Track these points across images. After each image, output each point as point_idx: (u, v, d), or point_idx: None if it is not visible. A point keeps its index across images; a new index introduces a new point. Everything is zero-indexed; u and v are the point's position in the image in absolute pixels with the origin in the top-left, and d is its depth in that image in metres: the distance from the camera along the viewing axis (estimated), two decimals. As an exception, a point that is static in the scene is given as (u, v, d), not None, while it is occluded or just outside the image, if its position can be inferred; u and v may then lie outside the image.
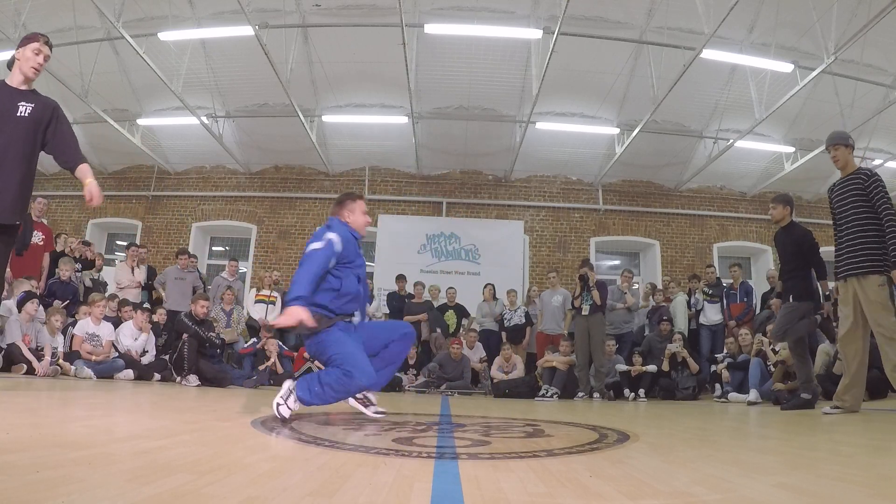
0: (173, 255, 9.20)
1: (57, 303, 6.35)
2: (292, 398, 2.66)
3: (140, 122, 10.11)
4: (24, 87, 3.00)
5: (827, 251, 4.95)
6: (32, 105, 2.96)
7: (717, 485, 1.39)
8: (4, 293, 5.99)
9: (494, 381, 7.14)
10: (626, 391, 6.89)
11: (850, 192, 3.97)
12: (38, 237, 6.64)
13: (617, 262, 11.77)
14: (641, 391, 6.89)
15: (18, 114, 2.89)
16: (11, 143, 2.86)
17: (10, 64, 3.01)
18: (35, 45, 2.97)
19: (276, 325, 2.77)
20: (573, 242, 11.12)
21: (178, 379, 6.02)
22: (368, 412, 3.02)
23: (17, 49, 3.01)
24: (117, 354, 6.27)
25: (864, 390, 4.01)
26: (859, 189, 3.92)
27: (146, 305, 7.67)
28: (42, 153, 3.06)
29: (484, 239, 10.72)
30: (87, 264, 7.57)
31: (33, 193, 3.14)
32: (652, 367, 6.96)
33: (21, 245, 3.72)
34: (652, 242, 11.22)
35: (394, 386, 7.02)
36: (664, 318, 7.63)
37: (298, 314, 2.53)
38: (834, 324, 6.12)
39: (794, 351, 4.61)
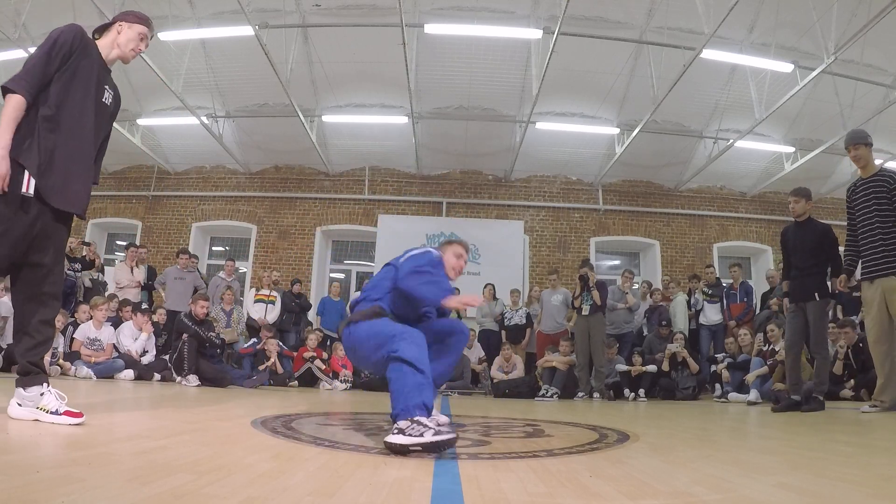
0: (173, 255, 9.19)
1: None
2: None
3: (140, 122, 10.11)
4: (109, 67, 2.42)
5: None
6: (113, 93, 2.40)
7: (717, 485, 1.39)
8: (1, 292, 6.01)
9: (494, 381, 7.14)
10: (626, 391, 6.89)
11: (873, 192, 3.97)
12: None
13: (617, 262, 11.76)
14: (641, 391, 6.88)
15: (104, 99, 2.33)
16: (97, 133, 2.29)
17: (101, 29, 2.43)
18: (146, 30, 2.45)
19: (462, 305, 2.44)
20: (573, 242, 11.12)
21: (178, 379, 6.02)
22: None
23: (121, 22, 2.42)
24: (117, 354, 6.27)
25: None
26: (884, 190, 3.92)
27: (144, 306, 7.66)
28: None
29: (484, 239, 10.72)
30: (87, 264, 7.57)
31: None
32: (652, 368, 6.95)
33: None
34: (652, 242, 11.22)
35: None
36: (662, 321, 7.63)
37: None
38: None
39: (820, 353, 4.46)
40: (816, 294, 4.41)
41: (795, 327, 4.56)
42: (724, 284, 8.04)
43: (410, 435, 1.80)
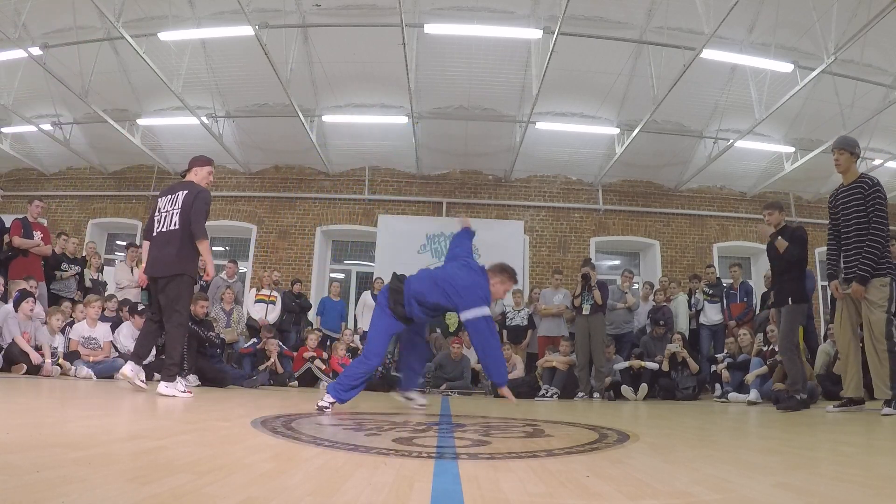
0: (173, 255, 9.16)
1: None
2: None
3: (140, 122, 10.10)
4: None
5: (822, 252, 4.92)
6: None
7: (717, 485, 1.39)
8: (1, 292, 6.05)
9: (494, 381, 7.12)
10: (627, 387, 6.83)
11: (853, 199, 4.07)
12: (37, 237, 6.67)
13: (617, 262, 11.76)
14: (644, 385, 6.83)
15: None
16: None
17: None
18: None
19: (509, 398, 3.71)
20: (573, 242, 11.12)
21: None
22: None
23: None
24: (117, 354, 6.26)
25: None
26: (861, 197, 4.01)
27: (140, 307, 7.63)
28: None
29: (484, 239, 10.66)
30: (82, 262, 7.57)
31: (31, 194, 2.94)
32: (653, 365, 6.93)
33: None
34: (652, 242, 11.22)
35: (393, 386, 7.02)
36: (659, 321, 7.62)
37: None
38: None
39: (786, 354, 4.58)
40: (790, 298, 4.57)
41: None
42: (725, 284, 8.03)
43: None
